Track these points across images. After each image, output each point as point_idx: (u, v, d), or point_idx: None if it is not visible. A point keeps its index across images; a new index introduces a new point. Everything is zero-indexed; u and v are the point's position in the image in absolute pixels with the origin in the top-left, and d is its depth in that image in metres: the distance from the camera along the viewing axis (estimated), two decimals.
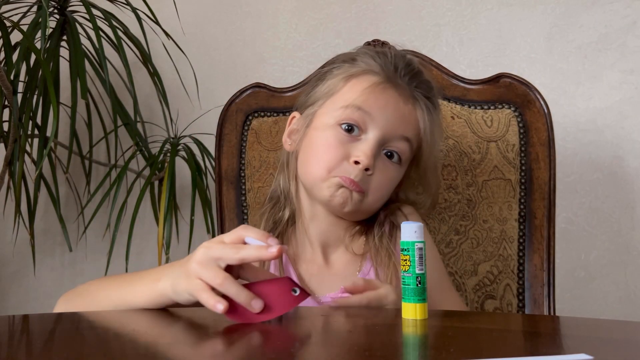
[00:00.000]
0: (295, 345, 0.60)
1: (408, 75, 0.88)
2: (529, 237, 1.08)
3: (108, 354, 0.56)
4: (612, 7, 1.45)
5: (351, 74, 0.87)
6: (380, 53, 0.90)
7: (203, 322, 0.69)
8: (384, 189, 0.88)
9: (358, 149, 0.83)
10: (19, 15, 1.54)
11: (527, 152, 1.09)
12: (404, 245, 0.67)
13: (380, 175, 0.86)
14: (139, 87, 1.63)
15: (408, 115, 0.87)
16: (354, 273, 0.92)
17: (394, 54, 0.90)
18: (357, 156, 0.83)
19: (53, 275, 1.74)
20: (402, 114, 0.86)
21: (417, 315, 0.65)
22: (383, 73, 0.86)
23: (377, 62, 0.87)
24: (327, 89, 0.89)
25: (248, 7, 1.67)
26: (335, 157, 0.84)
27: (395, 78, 0.87)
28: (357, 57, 0.89)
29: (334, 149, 0.84)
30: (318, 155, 0.85)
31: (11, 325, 0.71)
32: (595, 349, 0.54)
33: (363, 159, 0.83)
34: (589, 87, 1.46)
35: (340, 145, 0.84)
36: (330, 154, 0.84)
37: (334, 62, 0.93)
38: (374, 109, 0.84)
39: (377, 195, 0.87)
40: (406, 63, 0.89)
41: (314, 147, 0.87)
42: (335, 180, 0.84)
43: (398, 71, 0.87)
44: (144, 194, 1.48)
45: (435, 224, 1.12)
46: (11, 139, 1.44)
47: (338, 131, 0.85)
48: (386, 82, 0.86)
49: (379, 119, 0.84)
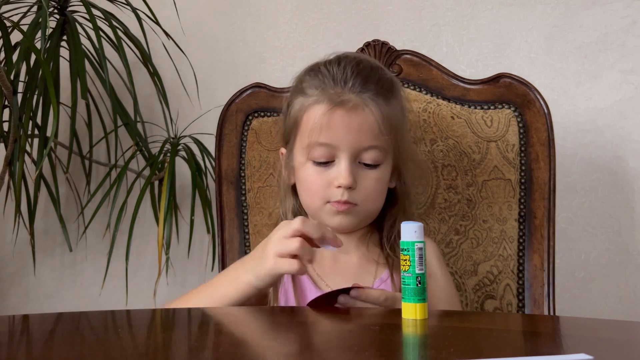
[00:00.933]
0: (295, 346, 0.60)
1: (355, 84, 0.90)
2: (528, 237, 1.08)
3: (108, 354, 0.56)
4: (612, 7, 1.45)
5: (304, 107, 0.92)
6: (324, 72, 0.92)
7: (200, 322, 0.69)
8: (374, 193, 0.94)
9: (336, 174, 0.90)
10: (19, 16, 1.54)
11: (527, 152, 1.09)
12: (403, 245, 0.67)
13: (365, 185, 0.92)
14: (139, 87, 1.63)
15: (364, 125, 0.90)
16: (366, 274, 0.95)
17: (344, 64, 0.92)
18: (337, 180, 0.90)
19: (53, 275, 1.74)
20: (357, 127, 0.89)
21: (417, 315, 0.65)
22: (327, 98, 0.90)
23: (320, 89, 0.91)
24: (292, 124, 0.95)
25: (248, 7, 1.67)
26: (320, 187, 0.91)
27: (341, 95, 0.89)
28: (304, 87, 0.93)
29: (317, 181, 0.92)
30: (307, 190, 0.94)
31: (11, 325, 0.71)
32: (595, 349, 0.54)
33: (342, 181, 0.89)
34: (589, 87, 1.46)
35: (320, 176, 0.91)
36: (315, 187, 0.92)
37: (292, 90, 0.97)
38: (332, 137, 0.89)
39: (369, 201, 0.93)
40: (353, 72, 0.91)
41: (302, 183, 0.95)
42: (328, 207, 0.92)
43: (345, 85, 0.90)
44: (144, 194, 1.48)
45: (435, 224, 1.12)
46: (11, 138, 1.44)
47: (313, 167, 0.92)
48: (333, 106, 0.89)
49: (340, 144, 0.89)
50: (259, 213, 1.17)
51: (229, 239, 1.17)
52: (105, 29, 1.52)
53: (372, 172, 0.92)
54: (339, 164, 0.90)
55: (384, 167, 0.93)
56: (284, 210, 1.01)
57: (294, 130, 0.95)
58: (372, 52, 1.16)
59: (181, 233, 1.65)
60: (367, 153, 0.90)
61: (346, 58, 0.94)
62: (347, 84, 0.90)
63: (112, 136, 1.64)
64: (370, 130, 0.90)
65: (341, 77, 0.91)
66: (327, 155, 0.90)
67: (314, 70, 0.94)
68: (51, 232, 1.74)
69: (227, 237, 1.17)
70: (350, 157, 0.90)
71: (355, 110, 0.89)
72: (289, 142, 0.97)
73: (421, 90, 1.15)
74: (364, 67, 0.93)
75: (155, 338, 0.64)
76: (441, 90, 1.14)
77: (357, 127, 0.89)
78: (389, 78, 0.95)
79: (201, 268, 1.66)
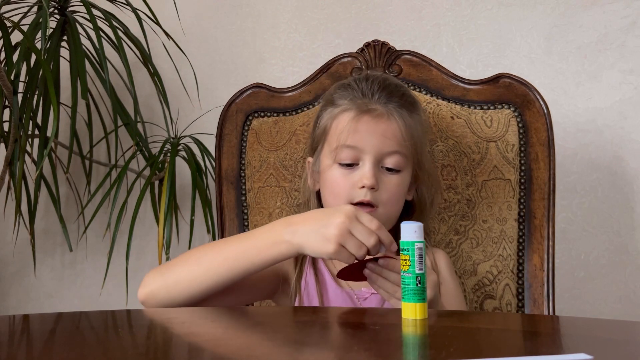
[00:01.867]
0: (295, 345, 0.60)
1: (381, 97, 0.98)
2: (528, 237, 1.08)
3: (108, 354, 0.56)
4: (612, 7, 1.45)
5: (333, 115, 1.00)
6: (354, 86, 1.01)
7: (201, 321, 0.69)
8: (394, 197, 0.98)
9: (360, 175, 0.96)
10: (19, 16, 1.54)
11: (527, 152, 1.10)
12: (403, 245, 0.67)
13: (386, 188, 0.97)
14: (139, 87, 1.63)
15: (388, 132, 0.97)
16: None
17: (371, 80, 1.01)
18: (362, 181, 0.95)
19: (53, 275, 1.74)
20: (382, 133, 0.96)
21: (417, 315, 0.65)
22: (355, 106, 0.98)
23: (349, 99, 0.99)
24: (320, 132, 1.02)
25: (248, 7, 1.67)
26: (346, 188, 0.97)
27: (368, 105, 0.98)
28: (334, 98, 1.02)
29: (342, 182, 0.97)
30: (333, 192, 0.99)
31: (11, 325, 0.71)
32: (594, 348, 0.54)
33: (366, 181, 0.95)
34: (589, 87, 1.46)
35: (345, 178, 0.97)
36: (341, 188, 0.97)
37: (322, 105, 1.05)
38: (358, 141, 0.96)
39: (390, 204, 0.98)
40: (380, 86, 0.99)
41: (328, 186, 1.00)
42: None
43: (372, 97, 0.98)
44: (144, 194, 1.48)
45: (435, 224, 1.13)
46: (11, 139, 1.44)
47: (339, 169, 0.98)
48: (360, 113, 0.97)
49: (365, 147, 0.96)
50: (259, 213, 1.17)
51: None
52: (105, 29, 1.52)
53: (393, 177, 0.97)
54: (363, 167, 0.96)
55: (404, 174, 0.99)
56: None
57: (322, 138, 1.02)
58: (372, 52, 1.16)
59: (181, 233, 1.65)
60: (390, 158, 0.96)
61: (374, 76, 1.02)
62: (374, 96, 0.98)
63: (113, 136, 1.64)
64: (393, 136, 0.96)
65: (369, 90, 0.99)
66: (352, 157, 0.96)
67: (343, 85, 1.03)
68: (51, 232, 1.74)
69: (227, 237, 1.17)
70: (374, 161, 0.96)
71: (380, 117, 0.97)
72: (316, 150, 1.04)
73: (421, 90, 1.15)
74: (389, 84, 1.01)
75: (155, 338, 0.64)
76: (441, 90, 1.14)
77: (382, 133, 0.96)
78: (412, 96, 1.03)
79: None
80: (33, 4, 1.55)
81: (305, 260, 1.02)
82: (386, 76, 1.04)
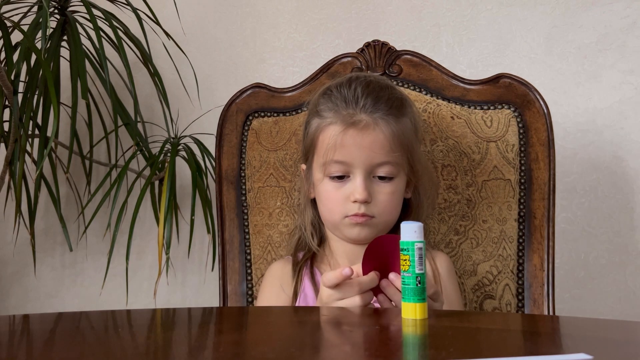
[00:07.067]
0: (295, 346, 0.60)
1: (366, 104, 0.95)
2: (528, 237, 1.08)
3: (108, 353, 0.56)
4: (612, 8, 1.45)
5: (320, 128, 0.98)
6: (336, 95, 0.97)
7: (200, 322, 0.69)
8: (389, 205, 0.97)
9: (352, 190, 0.95)
10: (19, 16, 1.54)
11: (527, 152, 1.10)
12: (403, 245, 0.67)
13: (380, 198, 0.96)
14: (139, 87, 1.63)
15: (376, 143, 0.94)
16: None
17: (354, 85, 0.97)
18: (353, 195, 0.94)
19: (53, 275, 1.74)
20: (369, 146, 0.94)
21: (417, 315, 0.65)
22: (340, 119, 0.95)
23: (334, 111, 0.96)
24: (309, 142, 1.00)
25: (248, 7, 1.67)
26: (338, 202, 0.96)
27: (353, 116, 0.94)
28: (320, 109, 0.98)
29: (334, 196, 0.96)
30: (326, 206, 0.98)
31: (11, 325, 0.71)
32: (594, 348, 0.54)
33: (358, 196, 0.94)
34: (589, 87, 1.46)
35: (337, 192, 0.96)
36: (333, 202, 0.97)
37: (309, 112, 1.03)
38: (346, 156, 0.94)
39: (385, 213, 0.97)
40: (363, 92, 0.95)
41: (321, 199, 0.99)
42: (347, 221, 0.96)
43: (356, 105, 0.95)
44: (144, 194, 1.48)
45: (435, 224, 1.13)
46: (12, 138, 1.44)
47: (331, 183, 0.97)
48: (346, 127, 0.94)
49: (354, 160, 0.94)
50: (259, 213, 1.17)
51: (229, 239, 1.17)
52: (105, 29, 1.52)
53: (386, 186, 0.96)
54: (354, 180, 0.94)
55: (398, 180, 0.97)
56: (303, 222, 1.06)
57: (311, 150, 1.00)
58: (372, 52, 1.16)
59: (181, 233, 1.65)
60: (380, 168, 0.95)
61: (357, 79, 0.98)
62: (359, 105, 0.95)
63: (113, 136, 1.64)
64: (381, 147, 0.94)
65: (352, 98, 0.95)
66: (342, 170, 0.95)
67: (326, 94, 0.99)
68: (51, 232, 1.74)
69: (227, 237, 1.17)
70: (364, 173, 0.94)
71: (366, 129, 0.94)
72: (308, 159, 1.02)
73: (421, 90, 1.15)
74: (373, 88, 0.97)
75: (156, 338, 0.64)
76: (441, 90, 1.14)
77: (369, 145, 0.94)
78: (399, 96, 0.99)
79: (201, 268, 1.66)
80: (33, 3, 1.55)
81: (303, 268, 1.02)
82: (370, 78, 1.00)
